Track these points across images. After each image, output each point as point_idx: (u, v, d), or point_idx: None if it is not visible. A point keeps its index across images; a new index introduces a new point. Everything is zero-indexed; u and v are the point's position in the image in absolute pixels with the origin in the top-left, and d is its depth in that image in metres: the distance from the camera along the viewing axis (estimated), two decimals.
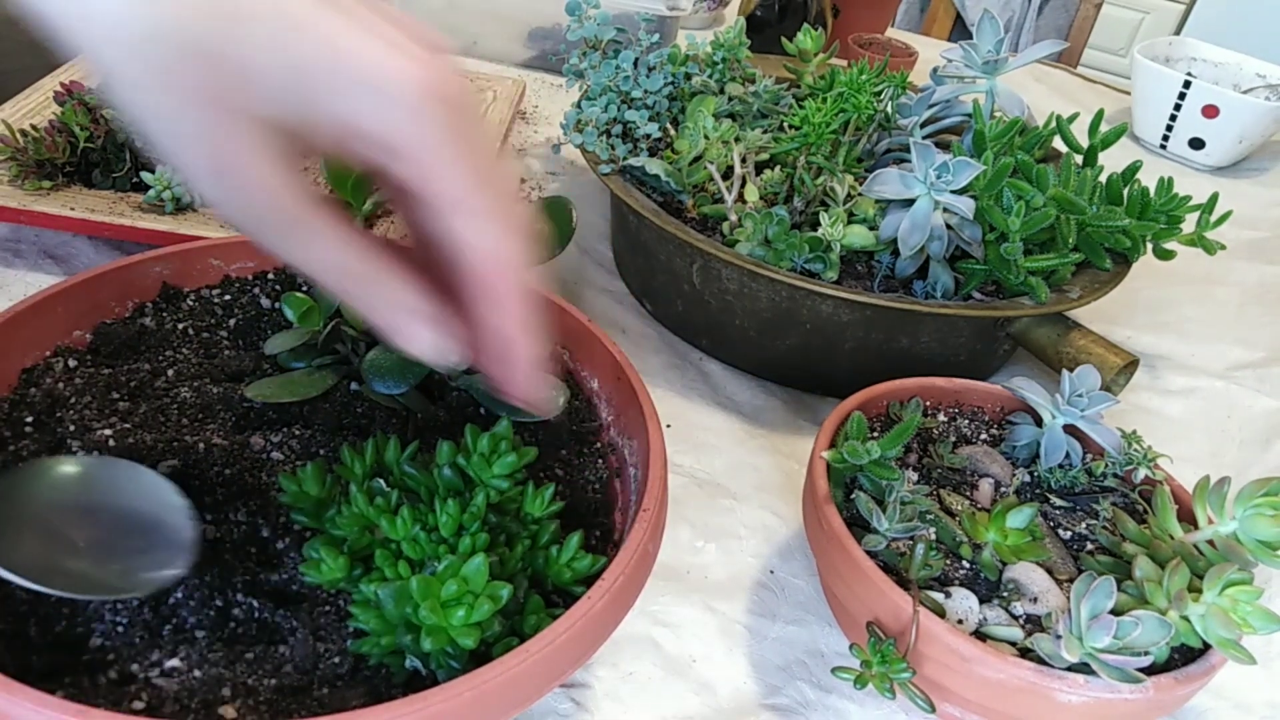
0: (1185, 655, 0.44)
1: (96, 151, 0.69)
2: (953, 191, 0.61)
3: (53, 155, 0.67)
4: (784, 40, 0.82)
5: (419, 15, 1.11)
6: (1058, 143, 0.75)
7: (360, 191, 0.55)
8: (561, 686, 0.47)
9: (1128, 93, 1.33)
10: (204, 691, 0.36)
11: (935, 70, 0.76)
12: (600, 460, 0.50)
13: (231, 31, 0.24)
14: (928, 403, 0.58)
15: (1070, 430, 0.55)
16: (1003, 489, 0.54)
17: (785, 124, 0.76)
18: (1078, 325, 0.65)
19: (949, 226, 0.63)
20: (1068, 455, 0.54)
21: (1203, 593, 0.43)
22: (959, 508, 0.51)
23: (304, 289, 0.56)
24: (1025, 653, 0.43)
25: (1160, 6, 2.77)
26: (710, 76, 0.80)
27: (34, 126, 0.69)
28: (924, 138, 0.73)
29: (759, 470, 0.63)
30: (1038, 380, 0.57)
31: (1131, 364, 0.64)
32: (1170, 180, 0.69)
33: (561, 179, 0.93)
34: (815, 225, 0.65)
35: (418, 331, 0.30)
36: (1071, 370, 0.55)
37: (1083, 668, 0.42)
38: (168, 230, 0.65)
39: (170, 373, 0.50)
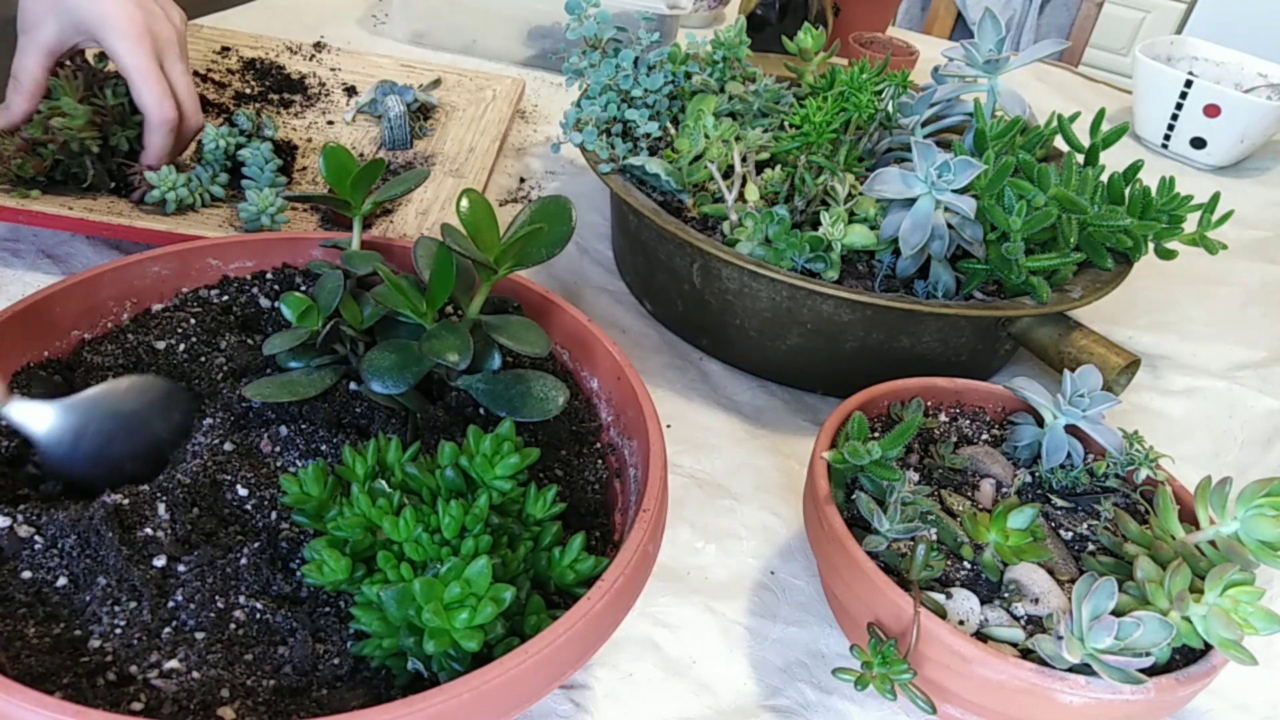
0: (1186, 656, 0.44)
1: (64, 162, 0.67)
2: (954, 191, 0.61)
3: (22, 173, 0.65)
4: (784, 39, 0.82)
5: (419, 14, 1.10)
6: (1059, 142, 0.75)
7: (359, 190, 0.55)
8: (561, 687, 0.47)
9: (1129, 92, 1.33)
10: (203, 693, 0.36)
11: (936, 69, 0.76)
12: (600, 460, 0.50)
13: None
14: (929, 403, 0.58)
15: (1072, 430, 0.55)
16: (1004, 489, 0.53)
17: (786, 123, 0.75)
18: (1079, 325, 0.65)
19: (950, 226, 0.63)
20: (1069, 456, 0.54)
21: (1204, 593, 0.43)
22: (960, 508, 0.51)
23: (303, 289, 0.56)
24: (1026, 654, 0.43)
25: (1162, 5, 2.77)
26: (710, 75, 0.80)
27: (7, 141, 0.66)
28: (925, 137, 0.72)
29: (759, 470, 0.63)
30: (1039, 380, 0.57)
31: (1133, 364, 0.64)
32: (1172, 180, 0.69)
33: (561, 178, 0.93)
34: (816, 225, 0.65)
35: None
36: (1073, 370, 0.55)
37: (1084, 669, 0.42)
38: (166, 230, 0.65)
39: (167, 373, 0.50)
